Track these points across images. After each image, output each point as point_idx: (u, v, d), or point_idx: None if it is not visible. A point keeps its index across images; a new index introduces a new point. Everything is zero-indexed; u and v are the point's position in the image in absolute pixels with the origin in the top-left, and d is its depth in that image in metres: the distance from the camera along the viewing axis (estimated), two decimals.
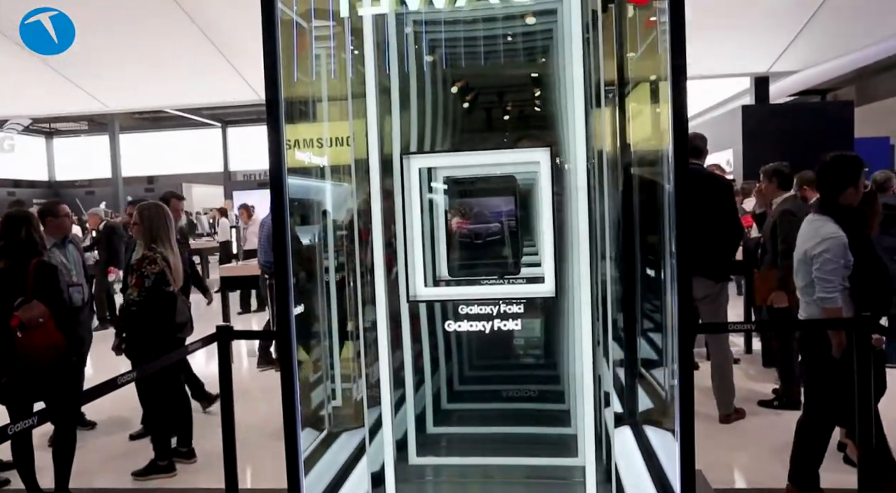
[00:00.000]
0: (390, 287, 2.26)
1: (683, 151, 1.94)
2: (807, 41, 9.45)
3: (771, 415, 4.76)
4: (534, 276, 2.16)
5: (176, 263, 4.11)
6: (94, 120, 26.84)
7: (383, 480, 2.25)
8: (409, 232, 2.19)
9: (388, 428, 2.25)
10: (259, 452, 4.28)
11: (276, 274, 2.20)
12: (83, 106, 11.01)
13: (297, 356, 2.14)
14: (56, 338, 3.58)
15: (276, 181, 2.12)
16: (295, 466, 2.07)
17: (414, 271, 2.19)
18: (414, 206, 2.19)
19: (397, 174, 2.19)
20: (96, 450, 4.60)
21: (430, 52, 2.42)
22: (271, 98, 2.09)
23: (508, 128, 2.44)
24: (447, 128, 2.42)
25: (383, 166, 2.25)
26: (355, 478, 2.37)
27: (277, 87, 2.08)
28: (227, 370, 3.41)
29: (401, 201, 2.19)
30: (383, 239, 2.24)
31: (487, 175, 2.17)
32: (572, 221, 2.17)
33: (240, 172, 29.35)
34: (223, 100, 13.07)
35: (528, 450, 2.31)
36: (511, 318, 2.15)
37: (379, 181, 2.20)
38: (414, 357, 2.38)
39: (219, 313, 9.47)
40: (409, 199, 2.18)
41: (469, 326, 2.18)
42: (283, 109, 2.10)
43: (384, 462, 2.28)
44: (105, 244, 9.13)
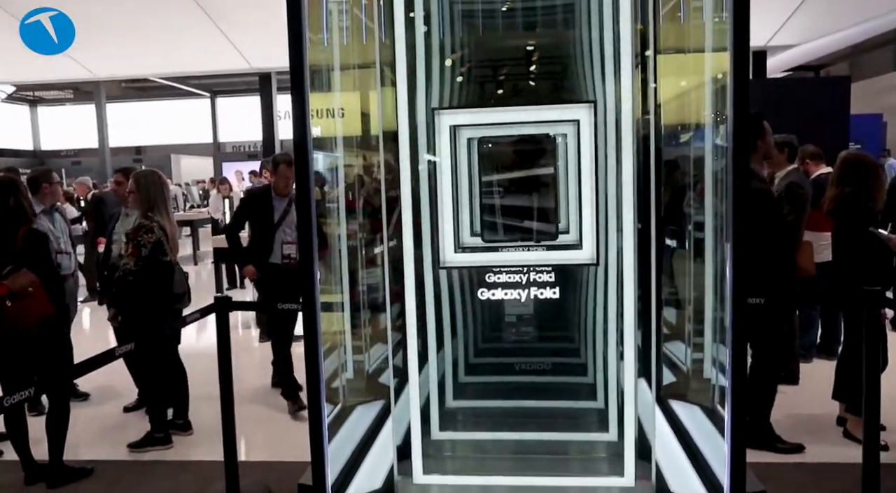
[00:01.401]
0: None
1: (744, 118, 1.82)
2: (804, 16, 9.37)
3: None
4: (565, 243, 2.06)
5: (173, 231, 4.02)
6: (80, 88, 26.34)
7: (409, 453, 2.18)
8: (439, 196, 2.07)
9: (416, 403, 2.15)
10: (255, 424, 4.25)
11: (300, 248, 2.07)
12: (69, 73, 10.77)
13: (321, 326, 2.05)
14: (46, 308, 3.49)
15: (301, 153, 1.99)
16: (319, 436, 1.98)
17: (443, 236, 2.08)
18: (444, 167, 2.06)
19: (422, 136, 2.07)
20: (91, 422, 4.55)
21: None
22: (296, 66, 1.94)
23: (541, 90, 2.33)
24: (473, 92, 2.31)
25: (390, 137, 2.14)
26: (377, 451, 2.30)
27: (303, 53, 1.94)
28: (226, 342, 3.35)
29: (427, 164, 2.08)
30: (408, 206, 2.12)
31: (521, 135, 2.05)
32: (609, 186, 2.06)
33: (229, 144, 29.01)
34: (213, 68, 12.84)
35: (552, 424, 2.25)
36: (543, 286, 2.05)
37: (408, 146, 2.07)
38: (437, 328, 2.29)
39: (208, 285, 9.41)
40: (440, 158, 2.06)
41: (503, 294, 2.08)
42: (308, 79, 1.96)
43: (410, 435, 2.20)
44: (94, 215, 8.97)
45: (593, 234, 2.04)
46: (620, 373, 2.07)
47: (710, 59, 2.15)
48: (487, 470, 2.23)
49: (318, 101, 2.41)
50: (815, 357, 5.27)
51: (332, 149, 2.44)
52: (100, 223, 8.86)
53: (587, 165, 2.01)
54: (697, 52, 2.21)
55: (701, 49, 2.17)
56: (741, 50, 1.84)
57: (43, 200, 4.71)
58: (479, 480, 2.21)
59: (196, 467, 3.79)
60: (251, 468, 3.64)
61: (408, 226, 2.11)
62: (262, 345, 6.59)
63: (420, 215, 2.12)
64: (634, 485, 2.10)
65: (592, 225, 2.04)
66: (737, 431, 1.88)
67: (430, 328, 2.26)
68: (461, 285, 2.35)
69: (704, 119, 2.10)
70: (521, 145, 2.11)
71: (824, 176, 4.99)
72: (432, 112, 2.06)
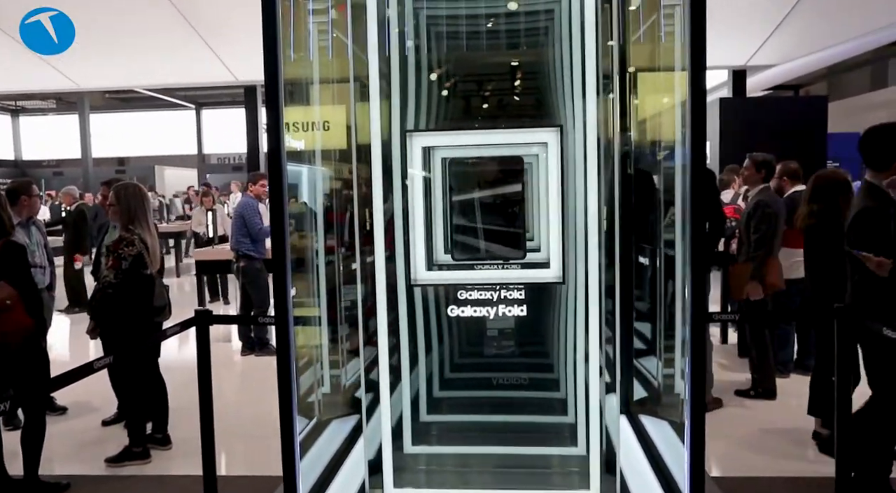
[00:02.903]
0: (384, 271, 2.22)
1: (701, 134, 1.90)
2: (783, 36, 9.58)
3: (748, 404, 4.83)
4: (535, 261, 2.12)
5: (154, 244, 4.01)
6: (63, 99, 26.19)
7: (380, 468, 2.21)
8: (411, 214, 2.14)
9: (386, 416, 2.19)
10: (235, 439, 4.23)
11: (273, 258, 2.12)
12: (52, 83, 10.71)
13: (294, 340, 2.08)
14: (25, 321, 3.47)
15: (274, 166, 2.05)
16: (291, 451, 2.02)
17: (415, 254, 2.14)
18: (416, 187, 2.13)
19: (397, 155, 2.13)
20: (67, 436, 4.50)
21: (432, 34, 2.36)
22: (271, 80, 2.00)
23: (511, 112, 2.39)
24: (446, 111, 2.37)
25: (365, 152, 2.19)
26: (350, 465, 2.33)
27: (277, 67, 2.00)
28: (206, 355, 3.35)
29: (400, 183, 2.13)
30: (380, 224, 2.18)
31: (493, 156, 2.12)
32: (578, 206, 2.12)
33: (214, 156, 28.94)
34: (198, 80, 12.83)
35: (523, 439, 2.29)
36: (512, 304, 2.11)
37: (380, 163, 2.13)
38: (410, 344, 2.33)
39: (191, 298, 9.36)
40: (411, 179, 2.13)
41: (472, 311, 2.14)
42: (283, 91, 2.02)
43: (381, 449, 2.23)
44: (72, 227, 8.92)
45: (560, 253, 2.10)
46: (588, 388, 2.13)
47: (680, 77, 2.22)
48: (457, 484, 2.29)
49: (301, 114, 2.46)
50: (791, 372, 5.35)
51: (311, 161, 2.47)
52: (77, 237, 8.83)
53: (554, 186, 2.08)
54: (669, 71, 2.27)
55: (673, 68, 2.24)
56: (698, 69, 1.92)
57: (20, 212, 4.69)
58: None
59: (175, 481, 3.77)
60: (230, 482, 3.62)
61: (380, 243, 2.17)
62: (244, 359, 6.58)
63: (394, 233, 2.16)
64: None
65: (559, 244, 2.10)
66: (695, 440, 1.94)
67: (402, 344, 2.30)
68: (435, 301, 2.38)
69: (675, 137, 2.17)
70: (493, 166, 2.17)
71: (798, 194, 5.10)
72: (404, 134, 2.12)
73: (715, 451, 4.08)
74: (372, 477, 2.29)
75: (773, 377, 4.91)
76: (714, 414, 4.61)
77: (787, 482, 3.59)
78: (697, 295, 1.90)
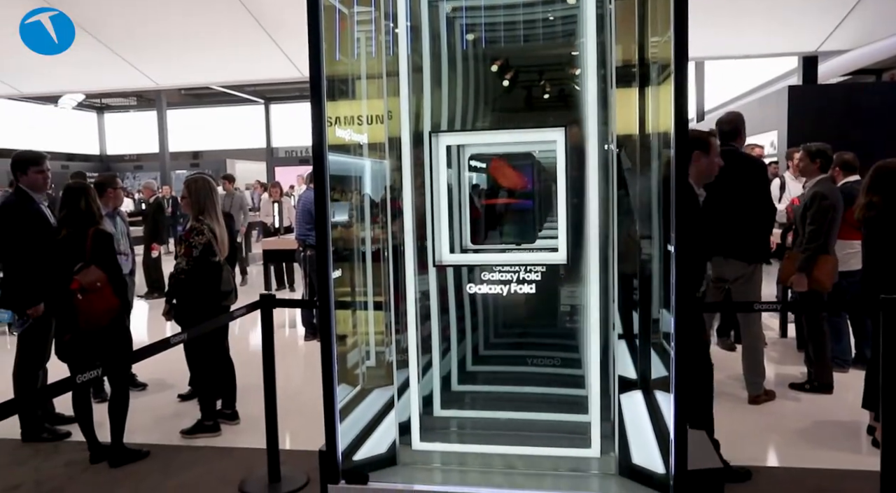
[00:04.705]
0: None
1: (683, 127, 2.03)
2: (859, 19, 9.14)
3: (802, 397, 4.77)
4: (548, 246, 2.33)
5: (222, 234, 4.30)
6: (143, 96, 27.52)
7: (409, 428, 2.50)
8: (437, 203, 2.35)
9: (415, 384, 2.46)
10: (297, 416, 4.49)
11: (316, 244, 2.38)
12: (134, 82, 11.32)
13: (335, 318, 2.32)
14: (112, 302, 3.83)
15: (317, 158, 2.27)
16: (331, 412, 2.27)
17: (440, 238, 2.37)
18: (441, 179, 2.35)
19: (426, 150, 2.34)
20: (147, 409, 4.88)
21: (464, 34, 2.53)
22: (314, 80, 2.22)
23: (538, 109, 2.55)
24: (477, 107, 2.55)
25: (416, 142, 2.41)
26: (386, 425, 2.62)
27: (320, 69, 2.21)
28: (270, 337, 3.61)
29: (429, 175, 2.35)
30: (414, 212, 2.41)
31: (509, 153, 2.33)
32: (589, 197, 2.29)
33: (282, 149, 29.80)
34: (267, 77, 13.26)
35: (544, 408, 2.53)
36: (528, 284, 2.32)
37: (410, 157, 2.35)
38: (441, 323, 2.56)
39: (259, 285, 9.82)
40: (437, 173, 2.35)
41: (489, 289, 2.37)
42: (325, 92, 2.24)
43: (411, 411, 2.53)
44: (151, 218, 9.53)
45: (566, 238, 2.30)
46: (588, 366, 2.32)
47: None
48: (476, 440, 2.56)
49: (360, 107, 2.69)
50: (851, 367, 5.22)
51: (380, 151, 2.68)
52: (154, 228, 9.43)
53: (561, 180, 2.24)
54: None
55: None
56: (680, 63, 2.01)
57: (106, 203, 5.11)
58: (468, 447, 2.55)
59: (241, 453, 4.05)
60: (292, 455, 3.87)
61: (409, 230, 2.40)
62: (307, 343, 6.91)
63: (424, 223, 2.41)
64: (600, 456, 2.43)
65: (566, 231, 2.29)
66: (680, 408, 2.13)
67: (433, 320, 2.55)
68: (456, 285, 2.62)
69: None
70: (512, 160, 2.36)
71: (850, 184, 4.97)
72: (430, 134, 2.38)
73: (764, 442, 4.08)
74: (402, 436, 2.56)
75: (829, 371, 4.82)
76: (766, 407, 4.59)
77: (837, 475, 3.55)
78: (682, 281, 2.02)
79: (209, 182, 4.40)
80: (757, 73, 14.91)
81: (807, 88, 11.05)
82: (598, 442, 2.39)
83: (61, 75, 10.42)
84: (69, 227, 3.89)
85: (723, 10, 7.85)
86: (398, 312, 2.52)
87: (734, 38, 9.26)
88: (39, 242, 4.08)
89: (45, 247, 4.01)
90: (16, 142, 24.24)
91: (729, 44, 9.53)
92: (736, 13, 8.19)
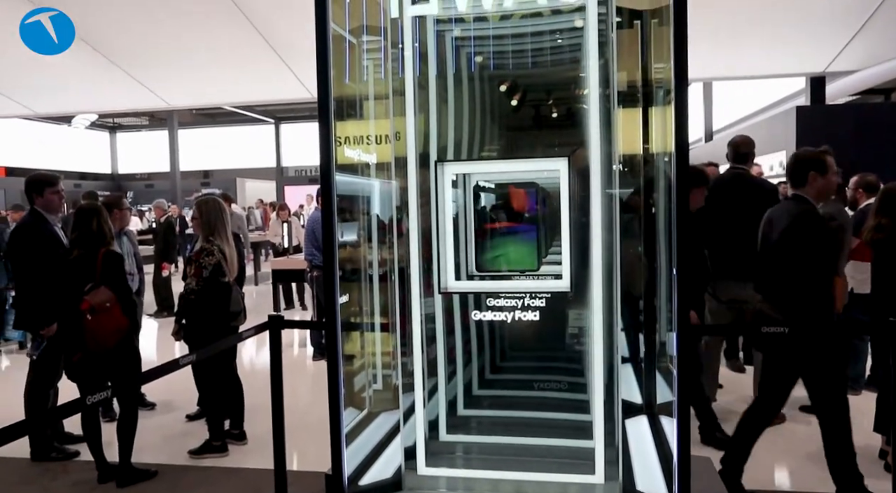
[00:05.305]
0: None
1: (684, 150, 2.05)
2: (867, 39, 9.17)
3: (812, 420, 4.71)
4: (552, 273, 2.36)
5: (231, 254, 4.33)
6: (155, 116, 27.83)
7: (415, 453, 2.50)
8: (442, 231, 2.39)
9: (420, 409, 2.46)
10: (305, 436, 4.48)
11: (323, 265, 2.41)
12: (146, 103, 11.47)
13: (341, 342, 2.34)
14: (121, 322, 3.86)
15: (325, 179, 2.31)
16: (338, 437, 2.29)
17: (445, 265, 2.40)
18: (447, 207, 2.38)
19: (432, 178, 2.37)
20: (156, 429, 4.89)
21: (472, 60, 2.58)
22: (323, 104, 2.26)
23: (544, 131, 2.60)
24: (484, 129, 2.59)
25: (423, 163, 2.45)
26: (392, 449, 2.62)
27: (329, 98, 2.25)
28: (278, 358, 3.61)
29: (434, 204, 2.38)
30: (419, 236, 2.44)
31: (513, 181, 2.37)
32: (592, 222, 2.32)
33: (291, 168, 29.98)
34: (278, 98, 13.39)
35: (549, 432, 2.53)
36: (532, 310, 2.34)
37: (416, 184, 2.39)
38: (446, 347, 2.58)
39: (268, 305, 9.84)
40: (443, 202, 2.38)
41: (493, 316, 2.39)
42: (333, 120, 2.28)
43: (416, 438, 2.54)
44: (161, 238, 9.61)
45: (570, 267, 2.32)
46: (593, 392, 2.32)
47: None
48: (481, 466, 2.58)
49: (369, 127, 2.73)
50: (863, 389, 5.17)
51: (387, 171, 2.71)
52: (165, 247, 9.51)
53: (564, 209, 2.27)
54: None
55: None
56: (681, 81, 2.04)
57: (113, 224, 5.15)
58: (473, 473, 2.56)
59: (249, 474, 4.05)
60: (300, 477, 3.86)
61: (414, 258, 2.42)
62: (315, 363, 6.91)
63: (430, 251, 2.42)
64: (604, 483, 2.43)
65: (569, 259, 2.31)
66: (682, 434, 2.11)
67: (439, 344, 2.54)
68: (461, 309, 2.64)
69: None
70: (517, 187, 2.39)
71: (870, 207, 4.95)
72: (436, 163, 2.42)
73: (773, 465, 4.04)
74: (408, 461, 2.57)
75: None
76: (775, 429, 4.53)
77: None
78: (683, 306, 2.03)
79: (220, 203, 4.45)
80: (765, 93, 14.94)
81: (815, 109, 11.06)
82: (603, 468, 2.40)
83: (75, 96, 10.58)
84: (81, 248, 3.93)
85: (730, 31, 7.89)
86: (405, 334, 2.54)
87: (742, 59, 9.31)
88: (52, 263, 4.13)
89: (58, 268, 4.06)
90: (29, 161, 24.57)
91: (736, 64, 9.57)
92: (743, 34, 8.23)
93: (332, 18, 2.32)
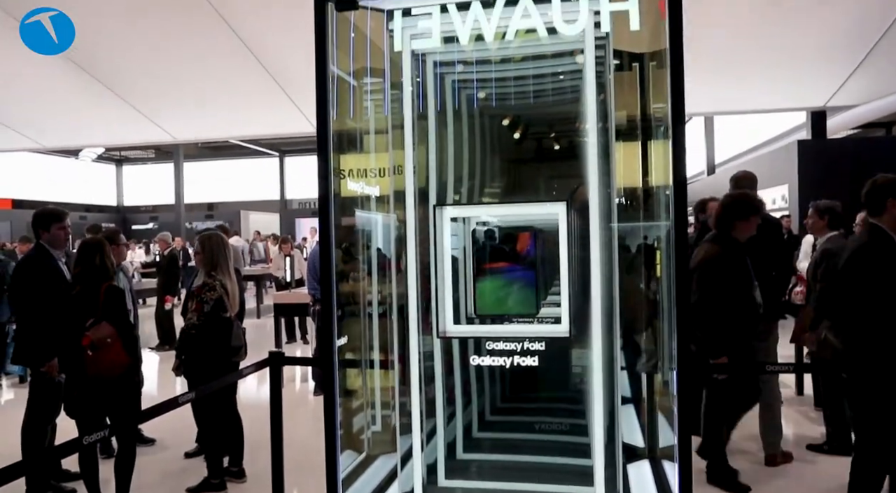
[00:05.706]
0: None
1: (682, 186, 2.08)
2: (867, 74, 9.26)
3: (820, 459, 4.64)
4: (552, 316, 2.35)
5: (233, 289, 4.33)
6: (161, 148, 28.14)
7: None
8: (440, 274, 2.38)
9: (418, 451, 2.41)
10: (305, 474, 4.42)
11: (322, 300, 2.40)
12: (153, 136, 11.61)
13: (338, 381, 2.32)
14: (122, 358, 3.84)
15: (324, 214, 2.33)
16: (334, 484, 2.25)
17: (444, 309, 2.40)
18: (446, 251, 2.38)
19: (431, 222, 2.38)
20: (154, 466, 4.83)
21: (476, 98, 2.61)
22: (322, 143, 2.29)
23: (545, 168, 2.62)
24: (484, 166, 2.62)
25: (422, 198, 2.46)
26: None
27: (328, 131, 2.28)
28: (278, 395, 3.60)
29: (433, 247, 2.39)
30: (417, 276, 2.44)
31: (511, 225, 2.39)
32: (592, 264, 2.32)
33: (296, 201, 30.17)
34: (282, 132, 13.54)
35: (548, 478, 2.48)
36: (531, 355, 2.33)
37: (415, 223, 2.41)
38: (445, 388, 2.55)
39: (270, 339, 9.80)
40: (441, 246, 2.38)
41: (492, 361, 2.37)
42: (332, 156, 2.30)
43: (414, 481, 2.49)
44: (165, 270, 9.63)
45: (569, 311, 2.30)
46: (593, 437, 2.29)
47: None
48: None
49: (366, 160, 2.75)
50: None
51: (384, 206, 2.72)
52: (169, 280, 9.53)
53: (563, 254, 2.28)
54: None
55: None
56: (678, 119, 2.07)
57: None
58: None
59: None
60: None
61: (413, 299, 2.42)
62: (316, 398, 6.84)
63: (429, 289, 2.42)
64: None
65: (568, 303, 2.30)
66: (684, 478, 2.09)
67: (437, 385, 2.52)
68: (461, 349, 2.62)
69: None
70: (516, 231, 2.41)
71: None
72: (433, 207, 2.44)
73: None
74: None
75: (848, 432, 4.70)
76: (784, 468, 4.46)
77: None
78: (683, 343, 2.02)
79: (222, 238, 4.46)
80: (767, 127, 15.06)
81: (816, 143, 11.14)
82: None
83: (83, 130, 10.72)
84: (83, 283, 3.94)
85: (730, 65, 7.98)
86: (404, 372, 2.52)
87: (743, 94, 9.39)
88: (55, 298, 4.13)
89: (60, 303, 4.06)
90: (36, 193, 24.78)
91: (737, 99, 9.66)
92: (744, 69, 8.32)
93: (336, 64, 2.36)
